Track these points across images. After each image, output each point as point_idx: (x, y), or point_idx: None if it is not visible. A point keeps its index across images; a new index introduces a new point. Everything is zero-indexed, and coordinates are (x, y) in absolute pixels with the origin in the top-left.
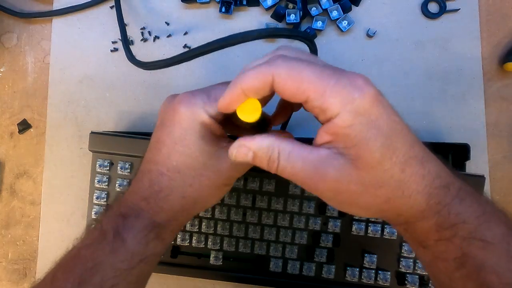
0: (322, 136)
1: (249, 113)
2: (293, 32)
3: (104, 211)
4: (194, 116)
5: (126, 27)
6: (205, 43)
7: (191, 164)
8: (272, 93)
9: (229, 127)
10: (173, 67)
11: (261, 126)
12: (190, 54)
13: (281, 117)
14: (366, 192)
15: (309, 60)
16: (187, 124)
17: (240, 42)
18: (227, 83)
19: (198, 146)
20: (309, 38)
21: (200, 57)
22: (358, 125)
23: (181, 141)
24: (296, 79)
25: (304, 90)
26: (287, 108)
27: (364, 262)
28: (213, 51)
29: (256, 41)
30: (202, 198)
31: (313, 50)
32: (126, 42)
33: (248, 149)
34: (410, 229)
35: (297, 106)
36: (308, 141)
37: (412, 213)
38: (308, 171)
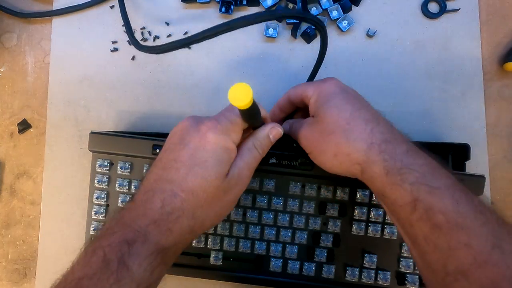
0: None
1: (240, 97)
2: (306, 15)
3: (104, 233)
4: (220, 142)
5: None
6: (211, 26)
7: (205, 186)
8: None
9: None
10: (173, 67)
11: (255, 120)
12: (196, 38)
13: (280, 115)
14: (322, 138)
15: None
16: (212, 149)
17: (248, 25)
18: (234, 110)
19: (215, 169)
20: (320, 24)
21: (200, 58)
22: (321, 99)
23: (202, 163)
24: (297, 90)
25: (301, 93)
26: (286, 112)
27: (364, 262)
28: (219, 35)
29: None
30: (210, 218)
31: (324, 36)
32: (130, 31)
33: (279, 128)
34: (371, 179)
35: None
36: None
37: (359, 156)
38: (300, 132)
